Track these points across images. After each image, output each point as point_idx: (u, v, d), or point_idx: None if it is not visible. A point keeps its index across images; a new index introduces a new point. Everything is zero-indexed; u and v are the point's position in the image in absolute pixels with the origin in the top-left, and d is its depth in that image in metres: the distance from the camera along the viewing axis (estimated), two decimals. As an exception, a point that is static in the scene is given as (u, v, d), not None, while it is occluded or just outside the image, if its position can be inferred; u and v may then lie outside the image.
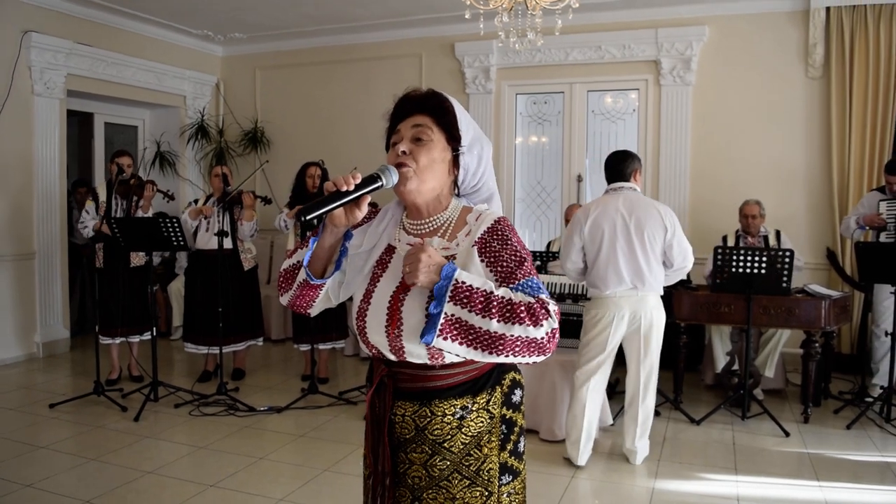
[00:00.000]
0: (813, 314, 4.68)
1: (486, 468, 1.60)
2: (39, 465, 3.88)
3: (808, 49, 6.08)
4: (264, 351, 6.73)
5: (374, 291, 1.61)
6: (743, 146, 6.37)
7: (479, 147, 1.67)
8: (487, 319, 1.41)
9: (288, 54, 7.99)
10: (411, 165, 1.57)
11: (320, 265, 1.65)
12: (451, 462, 1.58)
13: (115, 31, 6.99)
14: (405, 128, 1.62)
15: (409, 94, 1.66)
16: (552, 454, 4.16)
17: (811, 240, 6.19)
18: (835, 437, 4.50)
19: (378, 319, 1.58)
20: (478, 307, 1.42)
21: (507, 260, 1.53)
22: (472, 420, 1.59)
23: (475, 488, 1.59)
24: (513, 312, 1.41)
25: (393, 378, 1.62)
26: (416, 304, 1.52)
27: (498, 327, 1.41)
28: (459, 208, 1.67)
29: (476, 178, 1.68)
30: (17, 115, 6.11)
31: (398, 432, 1.63)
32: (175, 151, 7.98)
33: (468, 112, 1.71)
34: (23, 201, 6.23)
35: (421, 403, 1.59)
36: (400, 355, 1.58)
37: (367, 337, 1.61)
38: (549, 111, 7.19)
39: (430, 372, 1.58)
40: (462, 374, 1.58)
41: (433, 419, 1.58)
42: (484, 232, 1.57)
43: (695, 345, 5.67)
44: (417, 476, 1.61)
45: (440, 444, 1.58)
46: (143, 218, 5.23)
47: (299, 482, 3.70)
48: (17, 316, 6.25)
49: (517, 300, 1.44)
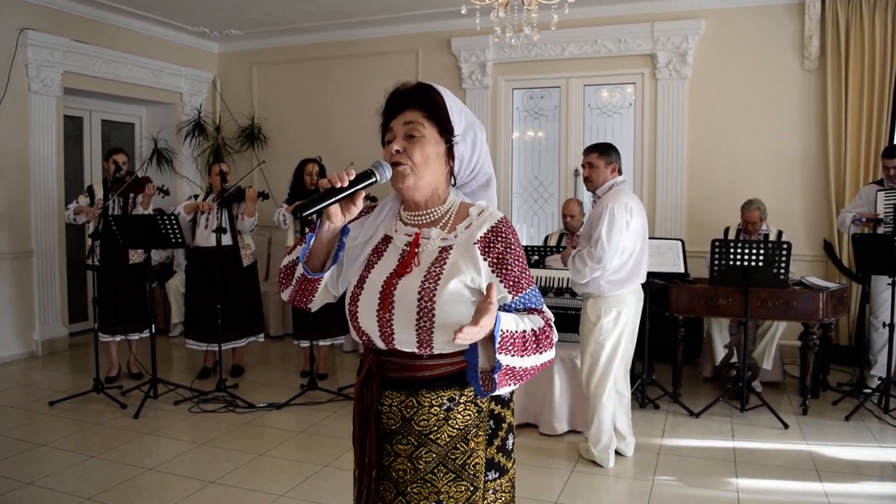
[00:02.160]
0: (811, 306, 4.69)
1: (473, 462, 1.60)
2: (40, 462, 3.88)
3: (803, 41, 6.09)
4: (263, 347, 6.73)
5: (368, 277, 1.63)
6: (739, 139, 6.38)
7: (473, 134, 1.67)
8: (525, 358, 1.50)
9: (284, 50, 7.98)
10: (406, 163, 1.59)
11: (318, 260, 1.66)
12: (436, 455, 1.58)
13: (111, 29, 6.98)
14: (397, 125, 1.62)
15: (399, 90, 1.65)
16: (552, 449, 4.17)
17: (808, 232, 6.21)
18: (833, 428, 4.52)
19: (370, 303, 1.59)
20: (518, 350, 1.49)
21: (513, 265, 1.57)
22: (460, 412, 1.59)
23: (460, 482, 1.58)
24: (539, 344, 1.52)
25: (381, 367, 1.62)
26: (408, 288, 1.55)
27: (532, 361, 1.52)
28: (458, 202, 1.68)
29: (472, 165, 1.69)
30: (14, 113, 6.10)
31: (384, 423, 1.62)
32: (172, 148, 7.96)
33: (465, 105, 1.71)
34: (20, 199, 6.22)
35: (408, 393, 1.59)
36: (389, 342, 1.58)
37: (357, 322, 1.62)
38: (546, 106, 7.19)
39: (419, 361, 1.58)
40: (450, 365, 1.58)
41: (420, 410, 1.58)
42: (487, 231, 1.59)
43: (693, 338, 5.69)
44: (402, 469, 1.60)
45: (426, 436, 1.58)
46: (141, 215, 5.23)
47: (300, 478, 3.71)
48: (16, 314, 6.25)
49: (537, 328, 1.53)
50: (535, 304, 1.58)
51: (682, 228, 6.55)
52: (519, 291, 1.57)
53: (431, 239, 1.62)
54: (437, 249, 1.60)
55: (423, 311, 1.52)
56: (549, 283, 4.95)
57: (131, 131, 8.04)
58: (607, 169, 3.89)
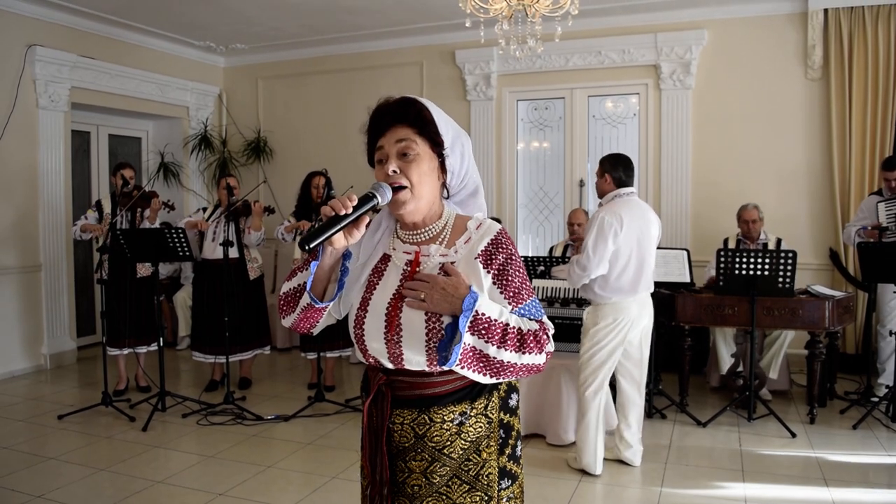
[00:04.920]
0: (817, 315, 4.69)
1: (486, 473, 1.61)
2: (49, 475, 3.90)
3: (807, 51, 6.11)
4: (270, 360, 6.76)
5: (371, 299, 1.62)
6: (744, 149, 6.39)
7: (461, 145, 1.66)
8: (502, 350, 1.50)
9: (289, 64, 8.04)
10: (405, 184, 1.57)
11: (321, 286, 1.66)
12: (450, 468, 1.58)
13: (118, 44, 7.05)
14: (388, 144, 1.60)
15: (384, 106, 1.63)
16: (559, 459, 4.17)
17: (814, 241, 6.21)
18: (841, 437, 4.51)
19: (376, 327, 1.58)
20: (495, 339, 1.49)
21: (514, 276, 1.58)
22: (471, 425, 1.60)
23: (475, 493, 1.60)
24: (524, 343, 1.51)
25: (391, 386, 1.62)
26: (415, 312, 1.54)
27: (510, 357, 1.51)
28: (453, 215, 1.68)
29: (461, 175, 1.68)
30: (22, 129, 6.16)
31: (396, 441, 1.62)
32: (179, 162, 8.02)
33: (469, 117, 1.72)
34: (28, 214, 6.27)
35: (420, 411, 1.59)
36: (398, 363, 1.58)
37: (365, 345, 1.62)
38: (551, 117, 7.22)
39: (428, 379, 1.59)
40: (460, 379, 1.58)
41: (432, 426, 1.58)
42: (488, 244, 1.58)
43: (700, 347, 5.69)
44: (417, 484, 1.60)
45: (440, 451, 1.58)
46: (148, 229, 5.27)
47: (308, 490, 3.71)
48: (24, 328, 6.29)
49: (526, 329, 1.53)
50: (534, 315, 1.57)
51: (688, 238, 6.56)
52: (519, 302, 1.57)
53: (431, 256, 1.61)
54: (438, 266, 1.59)
55: (431, 332, 1.53)
56: (556, 294, 4.96)
57: (138, 145, 8.10)
58: (604, 180, 3.97)
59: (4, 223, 6.08)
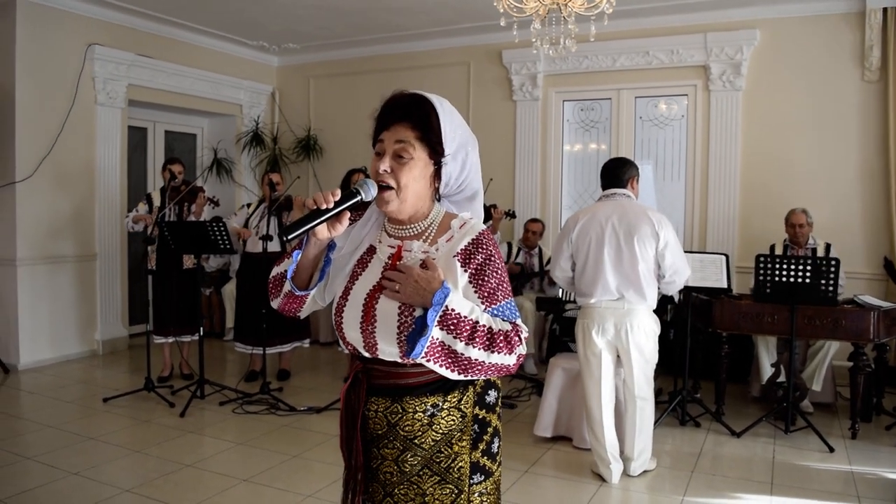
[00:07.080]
0: (861, 325, 4.50)
1: (457, 466, 1.62)
2: (87, 454, 4.08)
3: (864, 51, 5.87)
4: (313, 353, 6.88)
5: (353, 289, 1.65)
6: (796, 153, 6.19)
7: (465, 153, 1.67)
8: (470, 347, 1.50)
9: (339, 63, 8.17)
10: (392, 185, 1.59)
11: (306, 275, 1.72)
12: (421, 458, 1.61)
13: (174, 43, 7.29)
14: (388, 140, 1.62)
15: (395, 100, 1.64)
16: (583, 462, 4.12)
17: (867, 249, 5.96)
18: (884, 454, 4.32)
19: (354, 316, 1.62)
20: (464, 336, 1.50)
21: (490, 277, 1.58)
22: (443, 418, 1.61)
23: (445, 485, 1.62)
24: (493, 342, 1.52)
25: (367, 374, 1.65)
26: (390, 303, 1.57)
27: (478, 355, 1.51)
28: (442, 213, 1.69)
29: (458, 182, 1.69)
30: (81, 124, 6.44)
31: (371, 428, 1.66)
32: (231, 158, 8.25)
33: (515, 117, 1.72)
34: (85, 206, 6.56)
35: (393, 400, 1.62)
36: (373, 352, 1.61)
37: (343, 332, 1.66)
38: (597, 118, 7.14)
39: (402, 369, 1.61)
40: (433, 372, 1.59)
41: (404, 416, 1.61)
42: (468, 244, 1.60)
43: (741, 355, 5.54)
44: (389, 471, 1.64)
45: (411, 441, 1.61)
46: (191, 222, 5.44)
47: (328, 480, 3.78)
48: (79, 314, 6.57)
49: (496, 329, 1.53)
50: (508, 317, 1.57)
51: (735, 242, 6.39)
52: (494, 303, 1.57)
53: (413, 252, 1.64)
54: (419, 261, 1.60)
55: (403, 325, 1.55)
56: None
57: (193, 141, 8.37)
58: None
59: (63, 214, 6.37)
